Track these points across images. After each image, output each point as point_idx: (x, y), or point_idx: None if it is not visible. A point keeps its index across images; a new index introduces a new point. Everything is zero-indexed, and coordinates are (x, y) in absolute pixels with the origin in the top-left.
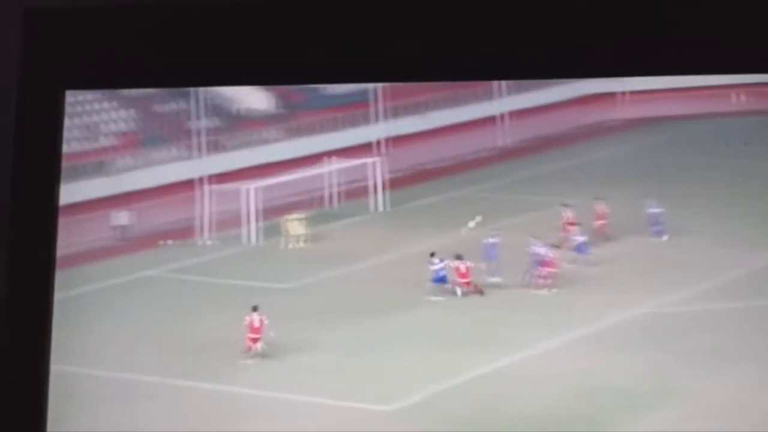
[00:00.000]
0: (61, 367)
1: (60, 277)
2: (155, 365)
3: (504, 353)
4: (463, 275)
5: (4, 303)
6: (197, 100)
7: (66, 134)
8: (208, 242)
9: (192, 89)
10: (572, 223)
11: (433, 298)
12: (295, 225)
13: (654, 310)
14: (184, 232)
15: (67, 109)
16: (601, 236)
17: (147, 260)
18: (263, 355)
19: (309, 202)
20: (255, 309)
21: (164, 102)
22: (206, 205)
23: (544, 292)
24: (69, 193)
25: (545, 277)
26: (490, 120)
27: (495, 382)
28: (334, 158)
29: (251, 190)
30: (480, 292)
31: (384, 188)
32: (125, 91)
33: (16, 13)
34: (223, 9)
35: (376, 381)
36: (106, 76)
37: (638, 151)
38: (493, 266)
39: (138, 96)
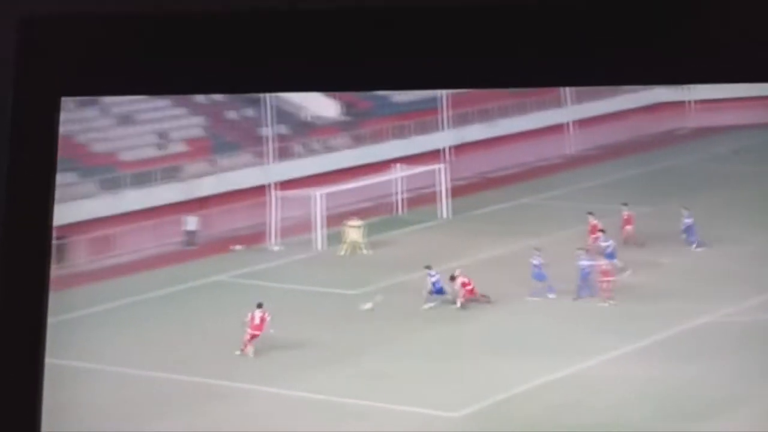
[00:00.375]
0: (122, 370)
1: (131, 282)
2: (229, 368)
3: (566, 362)
4: (465, 285)
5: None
6: (266, 108)
7: (138, 141)
8: (276, 248)
9: (261, 96)
10: (598, 230)
11: (427, 305)
12: (351, 232)
13: (714, 320)
14: (253, 237)
15: (140, 116)
16: (629, 242)
17: (216, 265)
18: (255, 352)
19: (376, 209)
20: (259, 306)
21: (234, 109)
22: (275, 211)
23: (605, 304)
24: (141, 198)
25: (606, 289)
26: (556, 128)
27: (558, 390)
28: (401, 165)
29: (320, 197)
30: (486, 300)
31: (448, 195)
32: (197, 98)
33: (13, 19)
34: (218, 16)
35: (443, 387)
36: (103, 83)
37: (703, 160)
38: (539, 286)
39: (208, 103)
